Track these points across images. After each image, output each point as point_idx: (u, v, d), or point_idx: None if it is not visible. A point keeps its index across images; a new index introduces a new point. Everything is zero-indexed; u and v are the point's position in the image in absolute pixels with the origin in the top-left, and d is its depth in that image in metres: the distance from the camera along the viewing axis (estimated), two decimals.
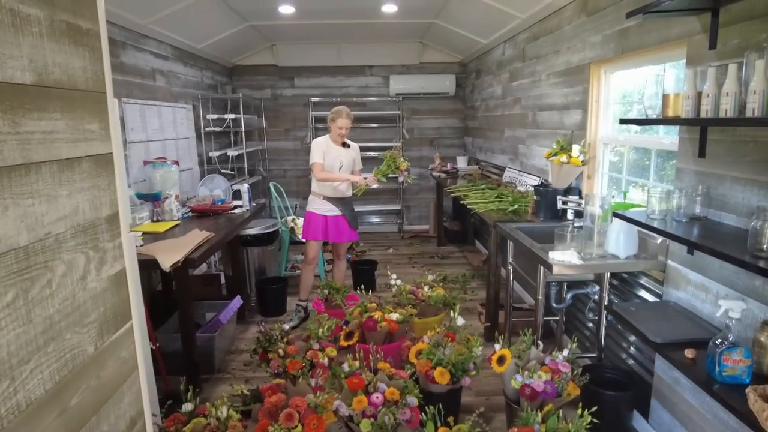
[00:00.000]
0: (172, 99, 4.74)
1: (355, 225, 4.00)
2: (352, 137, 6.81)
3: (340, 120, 3.71)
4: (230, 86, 6.67)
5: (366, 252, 5.99)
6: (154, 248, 2.75)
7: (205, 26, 4.78)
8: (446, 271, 5.22)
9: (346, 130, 3.75)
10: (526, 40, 4.32)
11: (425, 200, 7.06)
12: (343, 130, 3.74)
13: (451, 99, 6.82)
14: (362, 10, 4.77)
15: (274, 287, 4.11)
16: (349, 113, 3.75)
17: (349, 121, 3.74)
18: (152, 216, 3.59)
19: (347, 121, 3.73)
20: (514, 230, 3.08)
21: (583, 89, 3.24)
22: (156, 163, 4.02)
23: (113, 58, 3.60)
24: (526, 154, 4.40)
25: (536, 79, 4.11)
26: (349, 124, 3.75)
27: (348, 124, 3.74)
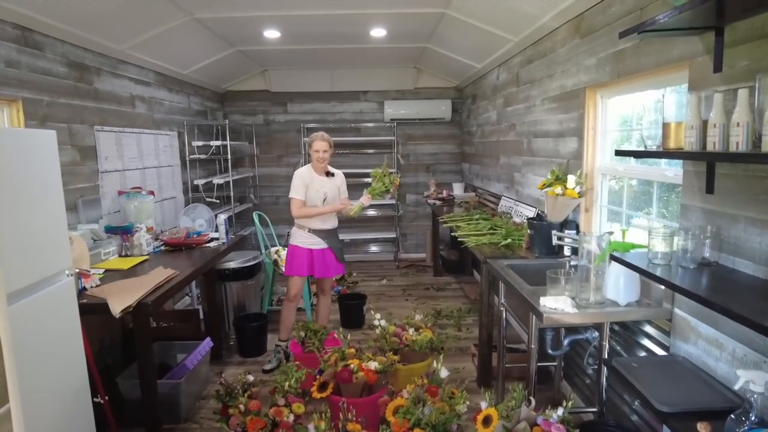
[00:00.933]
0: (154, 126, 4.57)
1: (342, 258, 3.76)
2: (346, 163, 6.71)
3: (316, 143, 3.50)
4: (221, 112, 6.54)
5: (358, 283, 5.72)
6: (108, 290, 2.51)
7: (189, 52, 4.64)
8: (441, 305, 4.96)
9: (324, 153, 3.51)
10: (520, 63, 4.13)
11: (422, 228, 6.81)
12: (320, 153, 3.50)
13: (447, 124, 6.64)
14: (351, 35, 4.62)
15: (253, 325, 3.84)
16: (326, 136, 3.54)
17: (327, 144, 3.52)
18: (120, 250, 3.37)
19: (323, 144, 3.50)
20: (504, 268, 2.82)
21: (579, 115, 3.02)
22: (130, 193, 3.82)
23: (86, 85, 3.44)
24: (521, 183, 4.17)
25: (531, 104, 3.90)
26: (327, 147, 3.52)
27: (325, 146, 3.51)
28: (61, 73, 3.26)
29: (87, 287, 2.57)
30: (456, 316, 4.62)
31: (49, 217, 1.89)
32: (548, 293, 2.29)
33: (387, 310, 4.82)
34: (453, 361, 3.69)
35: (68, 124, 3.32)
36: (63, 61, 3.28)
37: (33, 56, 3.00)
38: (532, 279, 2.70)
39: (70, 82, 3.35)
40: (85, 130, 3.51)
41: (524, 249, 3.24)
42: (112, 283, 2.64)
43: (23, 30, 2.93)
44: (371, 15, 3.98)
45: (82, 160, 3.47)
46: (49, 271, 1.88)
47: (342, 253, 3.76)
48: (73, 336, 1.99)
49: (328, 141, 3.54)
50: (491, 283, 3.21)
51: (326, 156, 3.54)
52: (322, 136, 3.52)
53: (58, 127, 3.20)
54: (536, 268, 2.94)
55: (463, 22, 3.93)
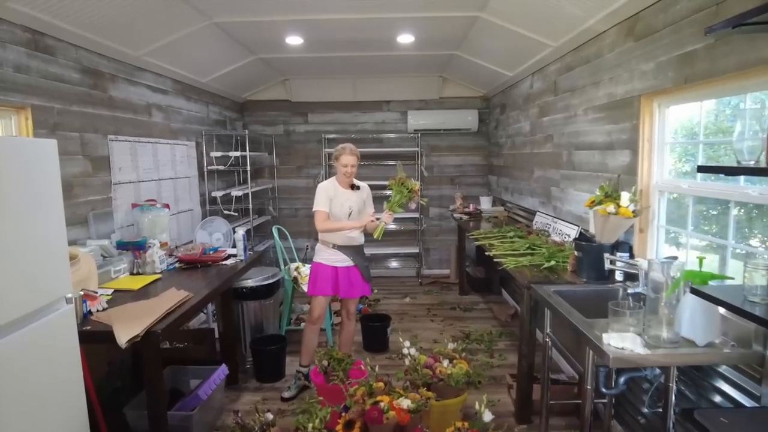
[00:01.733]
0: (171, 135, 4.40)
1: (369, 277, 3.50)
2: (368, 175, 6.45)
3: (344, 157, 3.27)
4: (241, 122, 6.37)
5: (380, 301, 5.45)
6: (116, 315, 2.28)
7: (208, 59, 4.47)
8: (469, 327, 4.66)
9: (352, 168, 3.29)
10: (558, 71, 3.86)
11: (446, 243, 6.52)
12: (348, 168, 3.27)
13: (474, 135, 6.37)
14: (377, 41, 4.40)
15: (271, 349, 3.59)
16: (354, 150, 3.31)
17: (355, 158, 3.29)
18: (132, 268, 3.16)
19: (352, 158, 3.28)
20: (552, 295, 2.53)
21: (632, 126, 2.73)
22: (144, 206, 3.62)
23: (100, 93, 3.26)
24: (560, 198, 3.87)
25: (571, 114, 3.62)
26: (355, 162, 3.29)
27: (353, 161, 3.28)
28: (74, 79, 3.09)
29: (93, 311, 2.35)
30: (486, 340, 4.31)
31: (48, 237, 1.68)
32: (610, 327, 2.00)
33: (412, 331, 4.54)
34: (486, 392, 3.38)
35: (80, 133, 3.14)
36: (76, 67, 3.11)
37: (44, 61, 2.83)
38: (583, 307, 2.41)
39: (84, 89, 3.18)
40: (99, 139, 3.33)
41: (569, 272, 2.94)
42: (120, 307, 2.41)
43: (34, 33, 2.76)
44: (400, 19, 3.76)
45: (95, 171, 3.28)
46: (46, 299, 1.66)
47: (368, 272, 3.51)
48: (72, 373, 1.76)
49: (357, 155, 3.32)
50: (533, 309, 2.92)
51: (354, 170, 3.32)
52: (351, 150, 3.29)
53: (69, 136, 3.03)
54: (586, 295, 2.64)
55: (498, 27, 3.68)
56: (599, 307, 2.63)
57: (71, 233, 3.02)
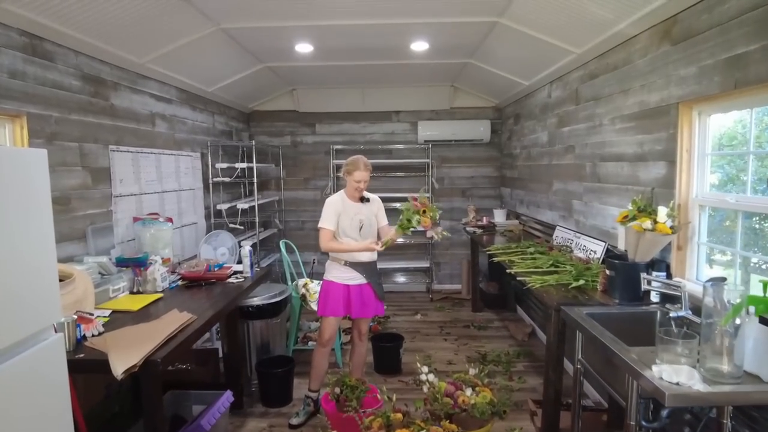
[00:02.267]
0: (175, 146, 4.24)
1: (382, 295, 3.31)
2: (377, 187, 6.25)
3: (358, 173, 3.09)
4: (247, 133, 6.22)
5: (390, 318, 5.24)
6: (112, 341, 2.09)
7: (214, 67, 4.32)
8: (485, 346, 4.44)
9: (365, 183, 3.14)
10: (580, 79, 3.69)
11: (457, 257, 6.32)
12: (362, 184, 3.12)
13: (486, 146, 6.19)
14: (390, 49, 4.24)
15: (278, 372, 3.38)
16: (367, 164, 3.14)
17: (368, 173, 3.13)
18: (132, 286, 2.97)
19: (365, 174, 3.11)
20: (585, 318, 2.32)
21: (668, 136, 2.54)
22: (146, 220, 3.45)
23: (101, 101, 3.10)
24: (583, 213, 3.67)
25: (595, 123, 3.44)
26: (368, 177, 3.13)
27: (366, 176, 3.12)
28: (74, 86, 2.93)
29: (87, 336, 2.16)
30: (504, 361, 4.09)
31: (35, 258, 1.49)
32: (660, 357, 1.79)
33: (424, 351, 4.32)
34: (507, 419, 3.17)
35: (79, 143, 2.97)
36: (76, 74, 2.96)
37: (42, 67, 2.67)
38: (619, 331, 2.21)
39: (84, 97, 3.02)
40: (99, 149, 3.16)
41: (599, 292, 2.74)
42: (117, 331, 2.22)
43: (31, 38, 2.61)
44: (415, 25, 3.60)
45: (94, 183, 3.12)
46: (31, 329, 1.47)
47: (382, 290, 3.31)
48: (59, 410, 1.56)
49: (370, 169, 3.16)
50: (561, 332, 2.71)
51: (366, 186, 3.18)
52: (365, 165, 3.12)
53: (67, 146, 2.86)
54: (621, 318, 2.44)
55: (517, 33, 3.51)
56: (637, 331, 2.43)
57: (69, 249, 2.85)
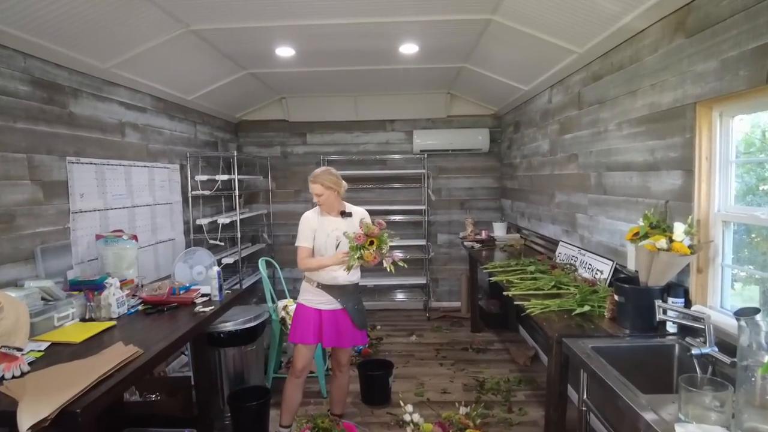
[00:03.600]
0: (149, 158, 3.96)
1: (362, 323, 2.97)
2: (371, 199, 5.96)
3: (311, 185, 2.85)
4: (235, 143, 5.95)
5: (383, 340, 4.90)
6: (32, 384, 1.78)
7: (191, 74, 4.06)
8: (484, 372, 4.09)
9: (318, 197, 2.84)
10: (582, 81, 3.38)
11: (455, 272, 5.98)
12: (315, 198, 2.85)
13: (485, 156, 5.88)
14: (377, 52, 3.96)
15: (251, 405, 3.06)
16: (318, 176, 2.83)
17: (319, 186, 2.81)
18: (85, 312, 2.66)
19: (315, 186, 2.82)
20: (591, 355, 1.99)
21: (684, 141, 2.22)
22: (108, 237, 3.15)
23: (57, 108, 2.83)
24: (588, 227, 3.34)
25: (600, 129, 3.12)
26: (321, 190, 2.81)
27: (317, 189, 2.81)
28: (21, 92, 2.66)
29: (5, 377, 1.85)
30: (504, 389, 3.74)
31: None
32: (683, 412, 1.45)
33: (417, 378, 3.98)
34: None
35: (27, 154, 2.69)
36: (24, 78, 2.68)
37: None
38: (630, 368, 1.89)
39: (34, 104, 2.75)
40: (53, 161, 2.88)
41: (606, 320, 2.40)
42: (42, 372, 1.90)
43: None
44: (402, 25, 3.32)
45: (47, 198, 2.83)
46: None
47: (362, 317, 2.98)
48: None
49: (321, 182, 2.82)
50: (563, 366, 2.36)
51: (326, 198, 2.85)
52: (314, 177, 2.84)
53: (11, 157, 2.58)
54: (632, 353, 2.10)
55: (513, 32, 3.22)
56: (651, 367, 2.09)
57: (11, 272, 2.56)
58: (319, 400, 3.64)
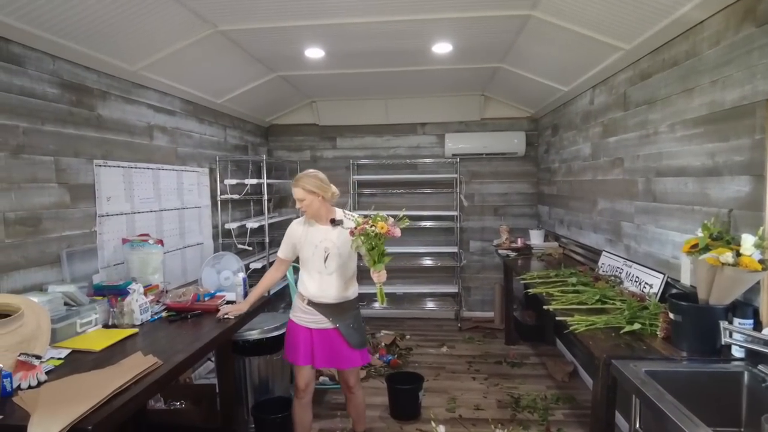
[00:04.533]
0: (177, 161, 3.93)
1: (358, 342, 2.70)
2: (401, 204, 5.81)
3: (292, 189, 2.64)
4: (265, 147, 5.92)
5: (412, 350, 4.73)
6: (46, 396, 1.70)
7: (221, 77, 4.01)
8: (519, 388, 3.88)
9: (301, 202, 2.59)
10: (629, 80, 3.15)
11: (489, 281, 5.76)
12: (298, 203, 2.62)
13: (520, 160, 5.66)
14: (409, 53, 3.82)
15: (275, 418, 2.95)
16: (300, 179, 2.58)
17: (300, 191, 2.56)
18: (108, 318, 2.61)
19: (296, 191, 2.58)
20: (645, 379, 1.78)
21: (753, 143, 1.99)
22: (134, 242, 3.11)
23: (85, 111, 2.80)
24: (635, 237, 3.10)
25: (649, 132, 2.89)
26: (303, 195, 2.56)
27: (299, 194, 2.57)
28: (50, 95, 2.63)
29: (21, 387, 1.78)
30: (541, 407, 3.52)
31: None
32: None
33: (449, 392, 3.80)
34: None
35: (55, 156, 2.66)
36: (54, 81, 2.66)
37: (7, 72, 2.38)
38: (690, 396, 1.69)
39: (63, 107, 2.72)
40: (80, 164, 2.85)
41: (659, 340, 2.18)
42: (58, 382, 1.83)
43: None
44: (436, 23, 3.17)
45: (73, 201, 2.80)
46: None
47: (359, 337, 2.71)
48: None
49: (302, 186, 2.56)
50: (611, 389, 2.15)
51: (309, 204, 2.58)
52: (295, 181, 2.60)
53: (39, 160, 2.55)
54: (693, 379, 1.89)
55: (554, 29, 3.03)
56: (714, 395, 1.87)
57: (37, 276, 2.53)
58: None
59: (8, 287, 2.36)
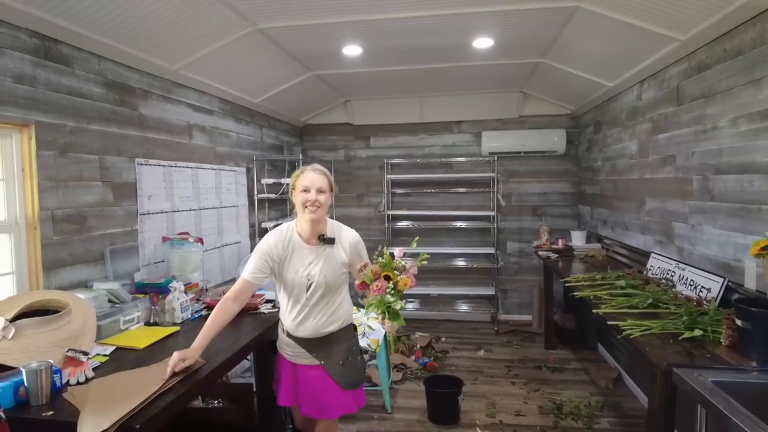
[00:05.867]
0: (216, 160, 3.95)
1: (352, 382, 2.14)
2: (434, 204, 5.73)
3: (304, 176, 2.05)
4: (300, 147, 5.92)
5: (448, 353, 4.64)
6: (94, 393, 1.70)
7: (258, 76, 4.02)
8: (561, 394, 3.74)
9: (319, 194, 2.02)
10: (683, 73, 2.99)
11: (527, 283, 5.61)
12: (312, 195, 2.01)
13: (560, 159, 5.49)
14: (448, 48, 3.74)
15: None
16: (319, 168, 2.10)
17: (327, 182, 2.07)
18: (150, 316, 2.63)
19: (322, 179, 2.04)
20: (713, 390, 1.66)
21: None
22: (175, 240, 3.13)
23: (128, 110, 2.83)
24: (689, 238, 2.94)
25: (707, 127, 2.73)
26: (327, 186, 2.07)
27: (326, 185, 2.05)
28: (95, 94, 2.67)
29: (70, 383, 1.79)
30: (585, 415, 3.39)
31: None
32: None
33: (488, 397, 3.69)
34: None
35: (100, 155, 2.70)
36: (99, 81, 2.69)
37: (56, 72, 2.42)
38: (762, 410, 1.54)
39: (107, 106, 2.76)
40: (123, 163, 2.88)
41: (723, 348, 2.04)
42: (105, 379, 1.84)
43: (44, 40, 2.36)
44: (478, 17, 3.08)
45: (116, 199, 2.83)
46: None
47: (352, 375, 2.14)
48: None
49: (329, 178, 2.08)
50: (670, 398, 2.03)
51: (325, 203, 2.05)
52: (314, 169, 2.09)
53: (85, 158, 2.59)
54: (765, 391, 1.74)
55: (602, 20, 2.90)
56: None
57: (83, 273, 2.56)
58: (384, 416, 3.44)
59: (56, 284, 2.39)
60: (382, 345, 3.55)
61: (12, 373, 1.69)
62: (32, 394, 1.63)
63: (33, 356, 1.79)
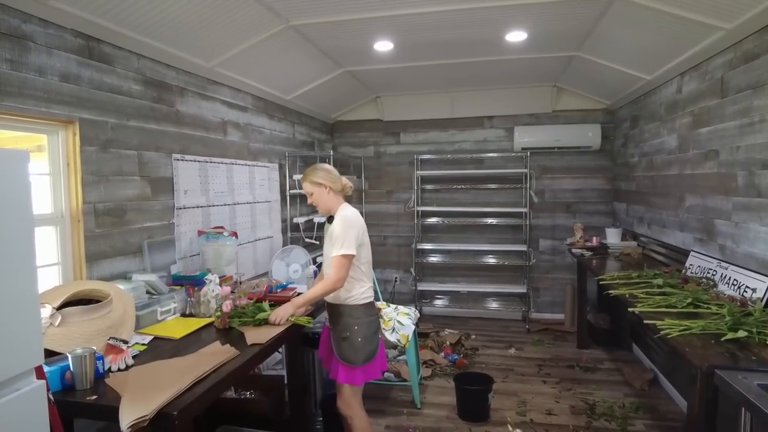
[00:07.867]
0: (249, 156, 4.02)
1: (345, 356, 2.42)
2: (466, 200, 5.69)
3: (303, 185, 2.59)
4: (331, 144, 5.97)
5: (478, 351, 4.60)
6: (134, 380, 1.76)
7: (290, 73, 4.06)
8: (594, 394, 3.67)
9: (309, 198, 2.54)
10: (728, 64, 2.87)
11: (559, 282, 5.51)
12: (309, 200, 2.56)
13: (595, 154, 5.36)
14: (481, 42, 3.70)
15: None
16: (307, 172, 2.53)
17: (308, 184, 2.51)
18: (186, 308, 2.70)
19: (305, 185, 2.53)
20: (760, 394, 1.59)
21: None
22: (210, 234, 3.21)
23: (165, 107, 2.90)
24: (732, 236, 2.83)
25: (753, 120, 2.62)
26: (310, 188, 2.50)
27: (308, 188, 2.51)
28: (134, 91, 2.75)
29: (112, 369, 1.86)
30: (619, 416, 3.31)
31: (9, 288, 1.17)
32: None
33: (518, 395, 3.65)
34: None
35: (138, 151, 2.78)
36: (138, 78, 2.78)
37: (98, 71, 2.50)
38: None
39: (146, 103, 2.84)
40: (161, 158, 2.97)
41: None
42: (145, 367, 1.90)
43: (88, 40, 2.44)
44: (512, 10, 3.03)
45: (154, 194, 2.92)
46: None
47: (346, 352, 2.42)
48: None
49: (310, 180, 2.48)
50: (711, 401, 1.96)
51: (317, 198, 2.49)
52: (302, 177, 2.56)
53: (125, 154, 2.67)
54: None
55: (641, 10, 2.81)
56: None
57: (122, 265, 2.65)
58: (413, 411, 3.45)
59: (97, 275, 2.48)
60: (411, 340, 3.55)
61: (58, 359, 1.77)
62: (77, 378, 1.70)
63: (77, 343, 1.87)
